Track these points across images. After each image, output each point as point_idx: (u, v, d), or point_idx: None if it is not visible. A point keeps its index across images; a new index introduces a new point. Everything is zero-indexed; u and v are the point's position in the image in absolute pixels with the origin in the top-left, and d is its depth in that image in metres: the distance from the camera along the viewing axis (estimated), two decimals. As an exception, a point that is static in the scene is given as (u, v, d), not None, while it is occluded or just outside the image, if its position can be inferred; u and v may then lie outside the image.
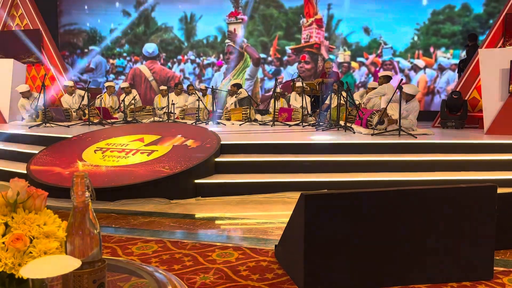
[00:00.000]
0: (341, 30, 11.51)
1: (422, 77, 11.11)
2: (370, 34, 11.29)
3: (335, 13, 11.51)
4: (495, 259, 2.76)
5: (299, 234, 2.49)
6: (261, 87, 12.28)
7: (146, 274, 1.39)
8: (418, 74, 11.16)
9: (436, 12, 10.77)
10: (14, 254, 1.03)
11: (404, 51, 11.16)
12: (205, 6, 12.42)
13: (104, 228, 3.70)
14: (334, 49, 11.58)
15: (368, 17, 11.21)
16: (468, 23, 10.52)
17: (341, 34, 11.46)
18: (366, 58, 11.46)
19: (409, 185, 4.52)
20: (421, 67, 11.12)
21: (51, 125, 7.60)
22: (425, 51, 11.03)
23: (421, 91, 10.94)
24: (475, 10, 10.51)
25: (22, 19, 10.79)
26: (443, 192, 2.60)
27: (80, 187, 1.06)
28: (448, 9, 10.72)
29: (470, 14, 10.57)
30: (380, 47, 11.28)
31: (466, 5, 10.56)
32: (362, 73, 11.49)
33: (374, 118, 6.38)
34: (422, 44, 11.00)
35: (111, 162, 5.09)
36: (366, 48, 11.41)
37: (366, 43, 11.39)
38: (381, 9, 11.12)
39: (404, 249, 2.55)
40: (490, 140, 5.88)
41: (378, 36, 11.26)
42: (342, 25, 11.48)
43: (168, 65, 12.90)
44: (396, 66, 11.23)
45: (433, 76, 11.04)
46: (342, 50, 11.57)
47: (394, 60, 11.23)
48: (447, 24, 10.78)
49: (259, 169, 5.17)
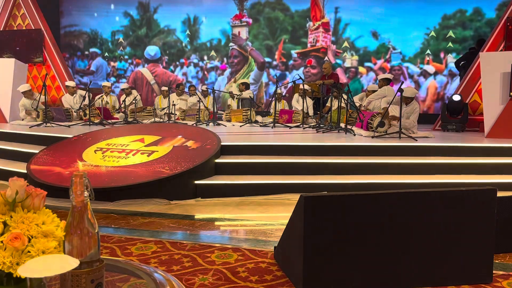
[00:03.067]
0: (349, 34, 11.32)
1: (432, 83, 10.85)
2: (379, 38, 11.08)
3: (343, 17, 11.34)
4: (495, 262, 2.76)
5: (298, 236, 2.48)
6: (266, 91, 12.10)
7: (145, 274, 1.39)
8: (428, 80, 10.88)
9: (447, 16, 10.55)
10: (12, 253, 1.03)
11: (413, 56, 10.91)
12: (209, 8, 12.29)
13: (103, 228, 3.70)
14: (341, 53, 11.38)
15: (376, 21, 11.02)
16: (480, 28, 10.25)
17: (348, 38, 11.31)
18: (374, 63, 11.24)
19: (409, 188, 4.52)
20: (431, 73, 10.86)
21: (52, 125, 7.60)
22: (435, 57, 10.79)
23: (431, 98, 10.72)
24: (487, 14, 10.25)
25: (24, 19, 10.81)
26: (443, 195, 2.60)
27: (79, 187, 1.06)
28: (459, 14, 10.48)
29: (482, 19, 10.33)
30: (388, 52, 11.07)
31: (477, 9, 10.32)
32: (370, 78, 11.21)
33: (374, 121, 6.38)
34: (432, 49, 10.75)
35: (111, 162, 5.09)
36: (374, 53, 11.20)
37: (374, 47, 11.18)
38: (390, 13, 10.91)
39: (403, 251, 2.55)
40: (491, 144, 5.88)
41: (387, 41, 11.04)
42: (349, 29, 11.30)
43: (171, 68, 12.75)
44: (405, 71, 10.99)
45: (443, 82, 10.78)
46: (349, 54, 11.35)
47: (403, 66, 10.99)
48: (458, 29, 10.55)
49: (259, 170, 5.17)
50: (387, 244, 2.53)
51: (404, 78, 10.88)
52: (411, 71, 10.99)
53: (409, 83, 10.89)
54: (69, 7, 13.14)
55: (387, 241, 2.53)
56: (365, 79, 11.26)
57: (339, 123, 7.24)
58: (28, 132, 6.74)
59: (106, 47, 13.09)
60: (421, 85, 10.93)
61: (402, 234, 2.54)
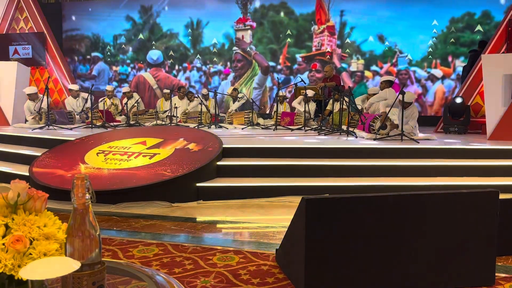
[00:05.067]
0: (354, 37, 11.15)
1: (440, 88, 10.62)
2: (385, 42, 10.86)
3: (348, 20, 11.18)
4: (497, 265, 2.75)
5: (300, 239, 2.48)
6: (270, 96, 11.92)
7: (146, 277, 1.39)
8: (436, 85, 10.64)
9: (455, 19, 10.34)
10: (14, 256, 1.03)
11: (420, 60, 10.67)
12: (212, 12, 12.15)
13: (105, 231, 3.70)
14: (346, 57, 11.23)
15: (382, 24, 10.82)
16: (489, 31, 9.93)
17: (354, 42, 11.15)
18: (380, 67, 11.03)
19: (411, 190, 4.51)
20: (438, 77, 10.61)
21: (54, 128, 7.63)
22: (443, 60, 10.54)
23: (439, 102, 10.54)
24: (496, 18, 9.98)
25: (27, 22, 10.86)
26: (445, 197, 2.60)
27: (80, 189, 1.07)
28: (467, 17, 10.25)
29: (491, 22, 10.09)
30: (395, 55, 10.83)
31: (486, 12, 10.09)
32: (376, 83, 10.82)
33: (376, 123, 6.37)
34: (439, 53, 10.51)
35: (113, 165, 5.10)
36: (380, 57, 10.99)
37: (381, 51, 10.97)
38: (396, 16, 10.69)
39: (405, 254, 2.54)
40: (493, 146, 5.87)
41: (393, 44, 10.80)
42: (355, 33, 11.14)
43: (173, 72, 12.62)
44: (412, 75, 10.77)
45: (451, 86, 10.53)
46: (355, 58, 11.18)
47: (410, 70, 10.77)
48: (466, 32, 10.32)
49: (261, 173, 5.17)
50: (389, 247, 2.52)
51: (411, 83, 10.69)
52: (418, 75, 10.76)
53: (416, 87, 10.72)
54: (71, 11, 13.14)
55: (389, 244, 2.52)
56: (371, 83, 11.02)
57: (341, 126, 7.24)
58: (30, 135, 6.76)
59: (108, 51, 13.06)
60: (428, 90, 10.70)
61: (403, 236, 2.54)
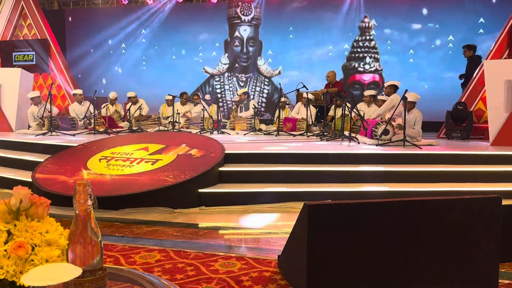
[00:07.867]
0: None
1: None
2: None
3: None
4: (500, 271, 2.73)
5: (302, 245, 2.48)
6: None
7: (148, 283, 1.39)
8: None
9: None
10: (16, 262, 1.03)
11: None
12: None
13: (107, 237, 3.70)
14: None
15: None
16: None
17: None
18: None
19: (414, 196, 4.51)
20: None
21: (57, 134, 7.65)
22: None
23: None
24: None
25: (30, 29, 10.92)
26: (448, 203, 2.59)
27: (83, 195, 1.07)
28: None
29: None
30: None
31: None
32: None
33: (379, 129, 6.37)
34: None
35: (116, 171, 5.11)
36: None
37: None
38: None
39: (407, 259, 2.53)
40: (495, 151, 5.85)
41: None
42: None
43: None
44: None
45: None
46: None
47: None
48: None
49: (263, 179, 5.17)
50: (391, 253, 2.52)
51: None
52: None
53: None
54: (75, 17, 13.23)
55: (391, 250, 2.52)
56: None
57: (343, 131, 7.23)
58: (33, 141, 6.78)
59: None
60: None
61: (406, 243, 2.53)
